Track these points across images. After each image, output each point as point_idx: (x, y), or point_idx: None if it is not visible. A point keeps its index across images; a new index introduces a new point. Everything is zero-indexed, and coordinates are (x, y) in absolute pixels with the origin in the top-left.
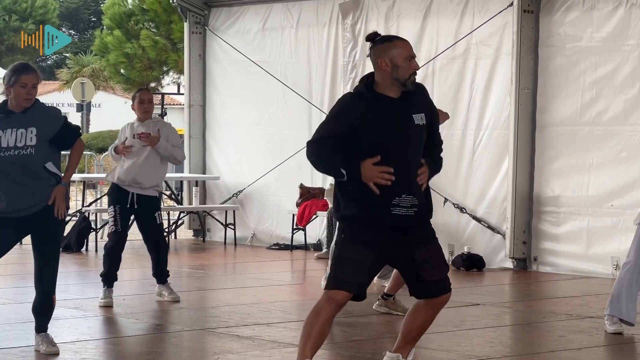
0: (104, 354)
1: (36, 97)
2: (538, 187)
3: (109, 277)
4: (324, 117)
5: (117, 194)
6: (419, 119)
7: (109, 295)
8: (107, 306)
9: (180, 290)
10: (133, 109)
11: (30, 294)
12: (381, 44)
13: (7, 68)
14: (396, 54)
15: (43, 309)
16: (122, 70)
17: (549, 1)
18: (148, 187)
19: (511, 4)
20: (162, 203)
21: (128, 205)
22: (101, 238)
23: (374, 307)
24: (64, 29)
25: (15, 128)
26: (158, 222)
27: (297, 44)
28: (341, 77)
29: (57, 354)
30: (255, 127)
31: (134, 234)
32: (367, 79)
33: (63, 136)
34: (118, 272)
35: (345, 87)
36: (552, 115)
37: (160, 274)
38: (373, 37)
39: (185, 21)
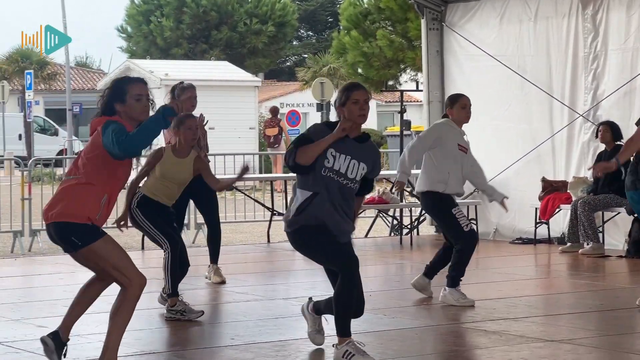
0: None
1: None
2: None
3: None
4: (565, 110)
5: (448, 199)
6: None
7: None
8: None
9: None
10: (447, 115)
11: (280, 290)
12: None
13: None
14: None
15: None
16: (359, 70)
17: None
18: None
19: None
20: (404, 199)
21: None
22: None
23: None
24: (302, 30)
25: (350, 157)
26: None
27: (536, 36)
28: (582, 69)
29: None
30: (493, 122)
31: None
32: None
33: (366, 182)
34: (364, 269)
35: (586, 78)
36: None
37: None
38: None
39: (422, 18)
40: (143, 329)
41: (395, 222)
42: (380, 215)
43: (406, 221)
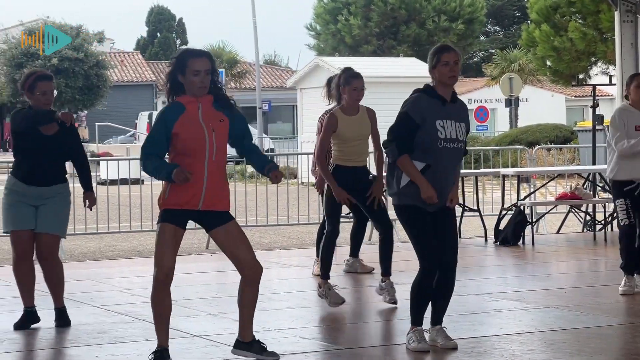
0: (550, 345)
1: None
2: None
3: (627, 266)
4: None
5: (625, 187)
6: None
7: (628, 284)
8: (627, 294)
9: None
10: (627, 94)
11: (472, 286)
12: None
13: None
14: None
15: (447, 287)
16: (549, 63)
17: None
18: None
19: None
20: (597, 195)
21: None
22: (536, 232)
23: None
24: (489, 26)
25: (454, 120)
26: None
27: None
28: None
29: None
30: None
31: (563, 226)
32: None
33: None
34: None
35: None
36: None
37: None
38: None
39: (616, 10)
40: (323, 325)
41: (588, 217)
42: (573, 210)
43: (600, 217)
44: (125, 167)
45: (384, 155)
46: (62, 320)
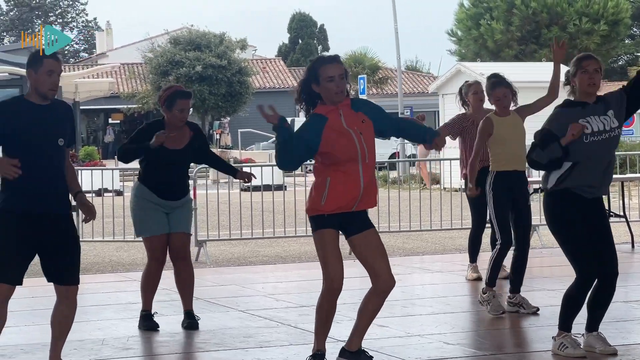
0: None
1: None
2: None
3: None
4: None
5: None
6: None
7: None
8: None
9: None
10: None
11: (618, 293)
12: None
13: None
14: None
15: (608, 297)
16: None
17: None
18: None
19: None
20: None
21: None
22: None
23: None
24: (635, 29)
25: (599, 115)
26: None
27: None
28: None
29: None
30: None
31: None
32: None
33: None
34: None
35: None
36: None
37: None
38: None
39: None
40: (468, 331)
41: None
42: None
43: None
44: (269, 173)
45: None
46: (192, 322)
